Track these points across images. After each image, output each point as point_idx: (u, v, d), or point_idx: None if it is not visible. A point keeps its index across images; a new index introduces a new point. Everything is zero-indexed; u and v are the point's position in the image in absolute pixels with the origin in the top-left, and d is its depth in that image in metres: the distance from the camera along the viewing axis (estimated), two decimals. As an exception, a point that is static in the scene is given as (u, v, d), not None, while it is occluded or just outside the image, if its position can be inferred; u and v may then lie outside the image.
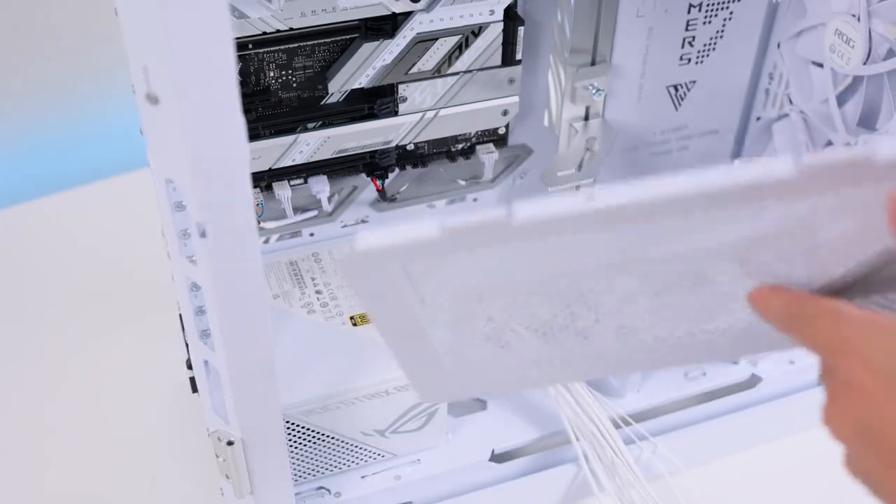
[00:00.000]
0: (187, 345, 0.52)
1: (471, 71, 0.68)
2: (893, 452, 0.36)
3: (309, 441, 0.63)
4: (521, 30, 0.67)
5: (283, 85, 0.65)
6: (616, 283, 0.39)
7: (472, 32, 0.66)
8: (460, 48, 0.66)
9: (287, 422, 0.61)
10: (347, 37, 0.64)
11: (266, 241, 0.72)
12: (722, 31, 0.72)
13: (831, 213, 0.36)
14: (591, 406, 0.67)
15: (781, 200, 0.35)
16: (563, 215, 0.35)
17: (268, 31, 0.61)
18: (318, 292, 0.69)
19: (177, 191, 0.42)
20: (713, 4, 0.70)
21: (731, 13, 0.71)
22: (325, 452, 0.64)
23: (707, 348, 0.43)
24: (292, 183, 0.69)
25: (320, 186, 0.70)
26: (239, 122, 0.39)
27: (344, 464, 0.66)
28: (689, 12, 0.70)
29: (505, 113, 0.71)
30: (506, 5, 0.65)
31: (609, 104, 0.72)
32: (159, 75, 0.37)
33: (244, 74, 0.63)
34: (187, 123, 0.38)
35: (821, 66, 0.68)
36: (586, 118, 0.73)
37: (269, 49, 0.63)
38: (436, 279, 0.38)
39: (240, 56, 0.62)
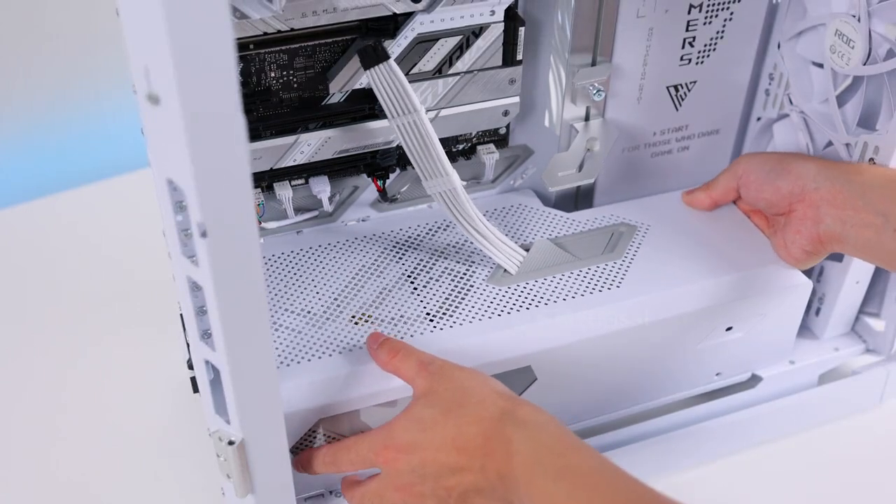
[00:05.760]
0: (188, 345, 0.52)
1: (472, 71, 0.68)
2: None
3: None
4: (521, 30, 0.67)
5: (284, 85, 0.65)
6: None
7: (473, 33, 0.66)
8: (461, 49, 0.66)
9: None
10: (348, 37, 0.64)
11: (267, 242, 0.72)
12: (722, 31, 0.72)
13: None
14: None
15: None
16: None
17: (269, 32, 0.61)
18: (318, 292, 0.69)
19: (178, 191, 0.42)
20: (713, 5, 0.70)
21: (731, 14, 0.71)
22: None
23: None
24: (293, 183, 0.70)
25: (321, 186, 0.70)
26: (240, 123, 0.39)
27: None
28: (689, 13, 0.70)
29: (506, 113, 0.71)
30: (506, 6, 0.65)
31: (609, 104, 0.72)
32: (160, 76, 0.37)
33: (245, 75, 0.63)
34: (188, 124, 0.38)
35: (821, 66, 0.68)
36: (587, 118, 0.73)
37: (270, 49, 0.63)
38: None
39: (241, 56, 0.62)
